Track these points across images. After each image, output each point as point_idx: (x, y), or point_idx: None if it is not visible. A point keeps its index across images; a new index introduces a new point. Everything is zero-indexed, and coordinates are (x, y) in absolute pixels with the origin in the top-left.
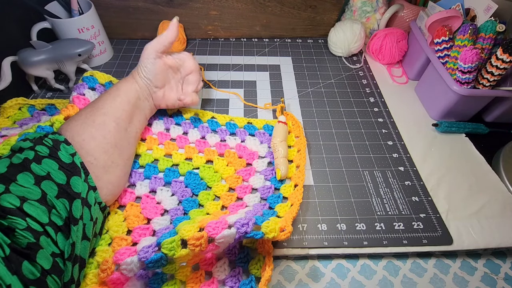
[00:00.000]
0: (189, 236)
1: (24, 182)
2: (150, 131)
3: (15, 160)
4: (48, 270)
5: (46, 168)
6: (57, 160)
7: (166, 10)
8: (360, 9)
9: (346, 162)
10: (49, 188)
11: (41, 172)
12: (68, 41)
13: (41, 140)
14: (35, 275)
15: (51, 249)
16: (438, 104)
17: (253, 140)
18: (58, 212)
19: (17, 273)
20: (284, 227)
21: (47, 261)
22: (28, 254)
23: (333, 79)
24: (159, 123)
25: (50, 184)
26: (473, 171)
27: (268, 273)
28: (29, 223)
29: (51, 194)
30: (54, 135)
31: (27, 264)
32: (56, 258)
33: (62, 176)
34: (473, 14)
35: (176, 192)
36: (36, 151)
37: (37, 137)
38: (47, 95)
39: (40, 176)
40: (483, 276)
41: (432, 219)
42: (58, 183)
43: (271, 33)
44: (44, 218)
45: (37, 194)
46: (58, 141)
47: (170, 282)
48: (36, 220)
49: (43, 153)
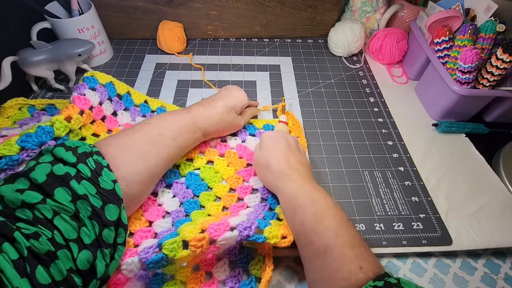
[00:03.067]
0: (191, 237)
1: (61, 198)
2: None
3: (57, 170)
4: (58, 281)
5: (83, 189)
6: (96, 186)
7: (166, 10)
8: (360, 9)
9: (346, 162)
10: (84, 208)
11: (80, 191)
12: (68, 41)
13: (84, 159)
14: (47, 280)
15: (69, 264)
16: (438, 104)
17: (253, 140)
18: (89, 230)
19: (29, 276)
20: (286, 235)
21: (59, 274)
22: (45, 260)
23: (333, 79)
24: None
25: (85, 205)
26: (473, 171)
27: (268, 273)
28: (55, 235)
29: (84, 214)
30: (98, 157)
31: (41, 269)
32: (72, 274)
33: (98, 201)
34: (473, 14)
35: (178, 194)
36: (78, 170)
37: (80, 151)
38: (47, 95)
39: (78, 194)
40: (483, 276)
41: (432, 219)
42: (93, 206)
43: (271, 33)
44: (72, 234)
45: (71, 211)
46: (101, 166)
47: (170, 282)
48: (62, 234)
49: (84, 175)
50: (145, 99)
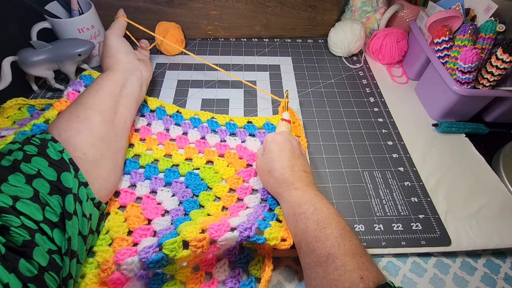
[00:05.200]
0: (191, 237)
1: (15, 182)
2: (150, 131)
3: (4, 162)
4: (45, 267)
5: (36, 166)
6: (46, 157)
7: (166, 10)
8: (360, 9)
9: (346, 163)
10: (41, 186)
11: (31, 171)
12: (68, 41)
13: (29, 140)
14: (32, 272)
15: (47, 246)
16: (438, 104)
17: (253, 141)
18: (52, 208)
19: (14, 271)
20: (285, 237)
21: (44, 258)
22: (24, 252)
23: (333, 79)
24: (158, 123)
25: (42, 182)
26: (473, 171)
27: (268, 273)
28: (23, 221)
29: (44, 191)
30: (41, 135)
31: (24, 262)
32: (53, 255)
33: (52, 172)
34: (473, 14)
35: (177, 193)
36: (25, 151)
37: (24, 138)
38: (47, 95)
39: (30, 175)
40: (483, 276)
41: (431, 220)
42: (49, 180)
43: (271, 33)
44: (38, 216)
45: (29, 192)
46: (46, 140)
47: (170, 282)
48: (30, 218)
49: (32, 152)
50: (144, 99)
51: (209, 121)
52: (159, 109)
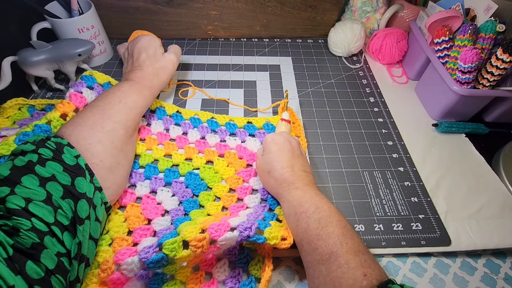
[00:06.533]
0: (191, 237)
1: (29, 184)
2: (150, 131)
3: (18, 162)
4: (52, 269)
5: (50, 170)
6: (61, 163)
7: (166, 10)
8: (360, 9)
9: (346, 163)
10: (54, 189)
11: (46, 174)
12: (68, 41)
13: (44, 143)
14: (39, 274)
15: (56, 249)
16: (438, 104)
17: (253, 141)
18: (64, 212)
19: (21, 273)
20: (285, 237)
21: (51, 261)
22: (32, 254)
23: (333, 79)
24: (158, 123)
25: (55, 185)
26: (473, 171)
27: (268, 273)
28: (34, 223)
29: (56, 195)
30: (56, 139)
31: (31, 264)
32: (61, 258)
33: (66, 177)
34: (473, 14)
35: (177, 193)
36: (40, 154)
37: (38, 139)
38: (47, 95)
39: (44, 177)
40: (483, 276)
41: (431, 220)
42: (63, 184)
43: (271, 33)
44: (50, 218)
45: (42, 195)
46: (62, 145)
47: (170, 282)
48: (41, 220)
49: (47, 156)
50: None
51: (209, 121)
52: (159, 109)
